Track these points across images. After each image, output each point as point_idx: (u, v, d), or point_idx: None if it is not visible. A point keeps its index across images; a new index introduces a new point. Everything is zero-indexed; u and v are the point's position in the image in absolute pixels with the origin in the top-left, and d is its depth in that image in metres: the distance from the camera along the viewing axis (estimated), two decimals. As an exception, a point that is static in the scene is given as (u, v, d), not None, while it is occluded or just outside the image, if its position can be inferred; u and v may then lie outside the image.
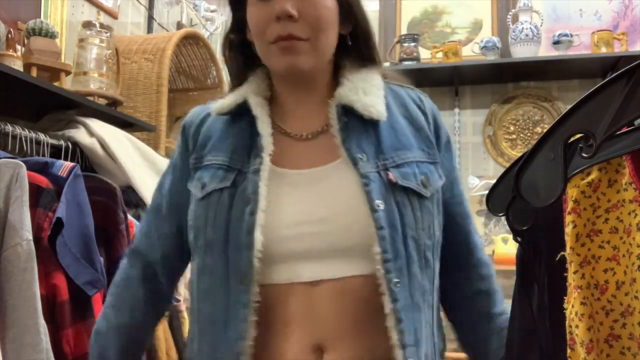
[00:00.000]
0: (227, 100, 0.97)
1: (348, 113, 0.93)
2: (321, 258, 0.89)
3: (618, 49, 2.84)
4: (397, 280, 0.87)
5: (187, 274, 1.19)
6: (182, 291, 1.82)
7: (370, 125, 0.94)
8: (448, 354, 1.24)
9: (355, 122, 0.93)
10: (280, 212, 0.89)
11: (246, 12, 0.94)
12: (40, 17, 1.92)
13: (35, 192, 1.20)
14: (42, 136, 1.48)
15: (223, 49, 1.01)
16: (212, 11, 3.35)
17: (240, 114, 0.96)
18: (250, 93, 0.95)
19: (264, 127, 0.93)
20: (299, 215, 0.90)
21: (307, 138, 0.96)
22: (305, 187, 0.92)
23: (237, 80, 1.00)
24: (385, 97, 0.97)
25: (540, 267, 0.93)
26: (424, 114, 1.00)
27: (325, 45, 0.93)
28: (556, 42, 2.92)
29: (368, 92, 0.94)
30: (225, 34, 1.00)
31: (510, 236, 1.34)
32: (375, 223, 0.87)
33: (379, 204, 0.88)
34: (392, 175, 0.90)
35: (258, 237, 0.86)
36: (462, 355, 1.25)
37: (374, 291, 0.87)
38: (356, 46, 0.99)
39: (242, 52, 1.00)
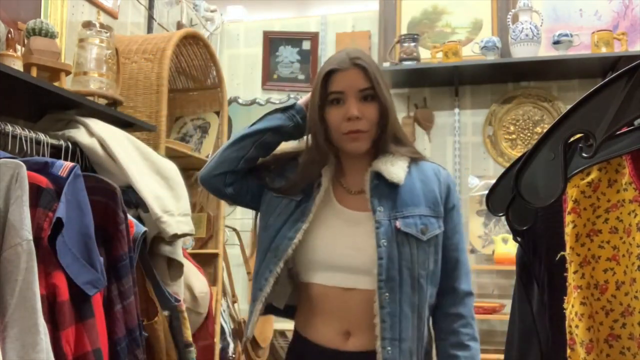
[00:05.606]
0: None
1: (379, 177, 1.37)
2: (350, 272, 1.34)
3: (618, 49, 2.84)
4: (387, 294, 1.30)
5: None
6: (182, 291, 1.81)
7: (394, 187, 1.37)
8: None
9: (383, 184, 1.37)
10: (324, 229, 1.39)
11: (325, 112, 1.38)
12: (40, 17, 1.92)
13: (35, 192, 1.20)
14: (42, 136, 1.48)
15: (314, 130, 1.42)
16: (212, 11, 3.35)
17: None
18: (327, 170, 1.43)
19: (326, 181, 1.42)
20: (337, 237, 1.37)
21: (354, 192, 1.42)
22: (344, 220, 1.39)
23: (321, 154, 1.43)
24: (409, 168, 1.40)
25: (540, 267, 0.93)
26: (439, 181, 1.42)
27: (375, 133, 1.38)
28: (556, 42, 2.92)
29: (394, 164, 1.38)
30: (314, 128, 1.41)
31: (510, 236, 1.34)
32: (377, 254, 1.31)
33: (383, 242, 1.32)
34: (398, 223, 1.33)
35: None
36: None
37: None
38: (387, 134, 1.41)
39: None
